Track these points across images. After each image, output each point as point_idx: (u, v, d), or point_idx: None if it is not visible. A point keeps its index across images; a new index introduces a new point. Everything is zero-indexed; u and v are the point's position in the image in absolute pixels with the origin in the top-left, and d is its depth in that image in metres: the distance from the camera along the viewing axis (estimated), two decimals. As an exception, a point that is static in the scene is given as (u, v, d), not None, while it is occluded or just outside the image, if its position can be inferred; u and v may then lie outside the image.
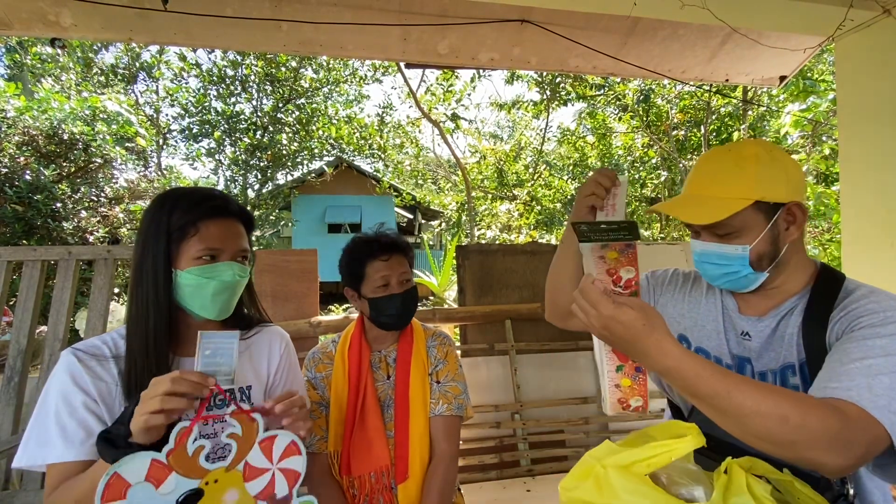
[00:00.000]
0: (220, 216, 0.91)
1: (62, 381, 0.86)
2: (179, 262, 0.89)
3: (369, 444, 1.21)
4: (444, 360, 1.34)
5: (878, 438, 0.61)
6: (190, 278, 0.88)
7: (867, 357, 0.66)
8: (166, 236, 0.88)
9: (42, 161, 4.75)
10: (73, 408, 0.84)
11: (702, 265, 0.86)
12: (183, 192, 0.92)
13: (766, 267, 0.81)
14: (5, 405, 1.90)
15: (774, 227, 0.79)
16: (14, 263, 2.07)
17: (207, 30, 2.13)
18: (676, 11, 1.86)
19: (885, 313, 0.70)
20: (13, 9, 1.97)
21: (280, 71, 8.93)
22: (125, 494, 0.68)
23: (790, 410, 0.60)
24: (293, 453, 0.82)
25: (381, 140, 10.56)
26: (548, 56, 2.50)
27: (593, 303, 0.68)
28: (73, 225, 4.70)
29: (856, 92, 2.12)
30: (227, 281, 0.90)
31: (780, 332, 0.82)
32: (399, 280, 1.25)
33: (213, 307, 0.92)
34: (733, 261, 0.81)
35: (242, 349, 1.03)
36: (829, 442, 0.59)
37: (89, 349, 0.90)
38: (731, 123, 7.98)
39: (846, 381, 0.64)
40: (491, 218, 10.12)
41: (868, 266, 2.04)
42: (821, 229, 5.29)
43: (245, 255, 0.96)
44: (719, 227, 0.80)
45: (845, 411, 0.61)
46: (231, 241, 0.92)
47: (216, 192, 0.95)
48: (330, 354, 1.33)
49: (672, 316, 0.97)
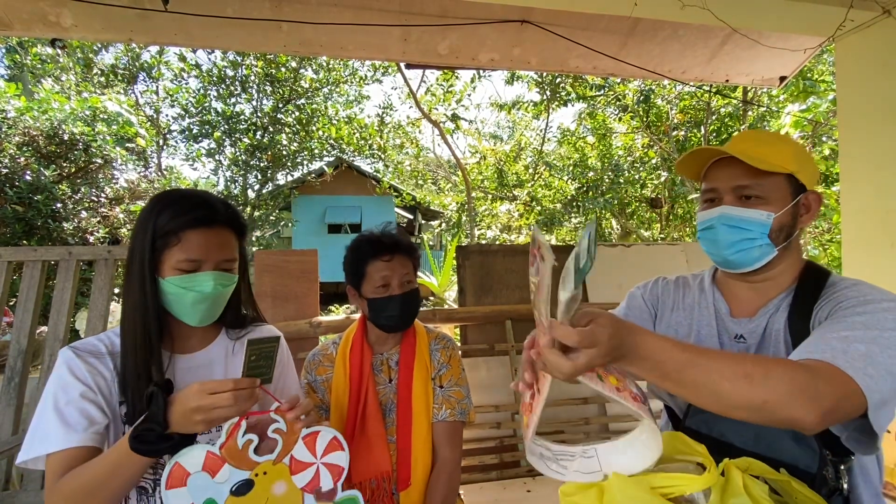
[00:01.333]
0: (205, 226, 0.90)
1: (60, 376, 0.87)
2: (162, 269, 0.89)
3: (370, 450, 1.19)
4: (448, 364, 1.31)
5: (850, 394, 0.61)
6: (170, 287, 0.89)
7: (845, 330, 0.67)
8: (151, 242, 0.88)
9: (42, 161, 4.75)
10: (71, 397, 0.85)
11: (718, 230, 0.84)
12: (173, 198, 0.91)
13: (780, 242, 0.82)
14: (6, 405, 1.90)
15: (796, 206, 0.82)
16: (14, 264, 2.07)
17: (207, 30, 2.13)
18: (677, 12, 1.86)
19: (867, 296, 0.73)
20: (14, 9, 1.98)
21: (280, 71, 8.93)
22: (186, 482, 0.76)
23: (752, 368, 0.60)
24: (336, 448, 0.86)
25: (382, 140, 10.55)
26: (548, 56, 2.50)
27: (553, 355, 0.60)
28: (73, 225, 4.70)
29: (856, 92, 2.13)
30: (206, 292, 0.90)
31: (769, 330, 0.84)
32: (400, 281, 1.21)
33: (194, 315, 0.92)
34: (754, 227, 0.81)
35: (237, 350, 1.04)
36: (798, 393, 0.59)
37: (86, 346, 0.92)
38: (731, 124, 7.98)
39: (823, 346, 0.65)
40: (491, 218, 10.12)
41: (868, 266, 2.04)
42: (821, 230, 5.29)
43: (230, 265, 0.95)
44: (753, 189, 0.81)
45: (812, 367, 0.62)
46: (214, 252, 0.91)
47: (206, 200, 0.93)
48: (330, 357, 1.30)
49: (670, 326, 0.98)
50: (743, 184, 0.82)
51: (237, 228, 0.97)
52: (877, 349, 0.64)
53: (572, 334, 0.57)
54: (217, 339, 1.03)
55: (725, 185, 0.84)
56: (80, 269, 2.11)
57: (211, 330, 1.02)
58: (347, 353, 1.27)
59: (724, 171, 0.85)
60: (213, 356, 1.01)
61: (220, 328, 1.04)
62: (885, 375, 0.62)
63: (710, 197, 0.88)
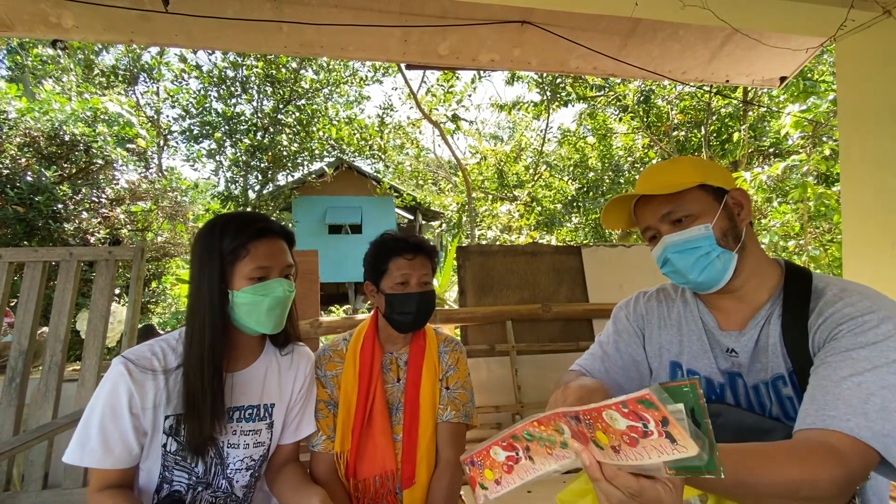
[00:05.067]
0: (267, 236, 0.98)
1: (112, 393, 0.91)
2: (234, 282, 0.95)
3: (375, 447, 1.20)
4: (455, 367, 1.33)
5: (872, 461, 0.65)
6: (246, 297, 0.94)
7: (855, 374, 0.68)
8: (220, 260, 0.94)
9: (43, 162, 4.75)
10: (119, 424, 0.90)
11: (673, 259, 0.86)
12: (230, 217, 0.99)
13: (733, 245, 0.83)
14: (6, 406, 1.90)
15: (727, 208, 0.85)
16: (15, 265, 2.07)
17: (208, 31, 2.14)
18: (678, 12, 1.86)
19: (863, 317, 0.72)
20: (15, 10, 1.98)
21: (280, 72, 8.94)
22: None
23: (798, 478, 0.62)
24: None
25: (382, 141, 10.56)
26: (548, 57, 2.50)
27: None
28: (74, 226, 4.71)
29: (856, 92, 2.13)
30: (279, 297, 0.97)
31: (762, 342, 0.83)
32: (419, 281, 1.24)
33: (269, 322, 0.98)
34: (701, 242, 0.83)
35: (284, 367, 1.11)
36: (839, 490, 0.63)
37: (141, 361, 0.94)
38: (731, 124, 7.98)
39: (843, 407, 0.66)
40: (491, 219, 10.13)
41: (868, 266, 2.04)
42: (821, 230, 5.29)
43: (291, 271, 1.02)
44: (678, 211, 0.84)
45: (843, 452, 0.64)
46: (278, 259, 0.98)
47: (260, 215, 1.03)
48: (341, 353, 1.31)
49: (661, 345, 0.96)
50: (666, 211, 0.85)
51: (288, 238, 1.04)
52: (890, 395, 0.66)
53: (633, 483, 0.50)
54: (262, 354, 1.09)
55: (654, 219, 0.87)
56: (80, 269, 2.11)
57: (257, 348, 1.09)
58: (358, 351, 1.28)
59: (647, 207, 0.88)
60: (263, 370, 1.07)
61: (263, 346, 1.10)
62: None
63: (650, 235, 0.90)
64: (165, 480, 0.95)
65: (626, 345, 1.00)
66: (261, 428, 1.04)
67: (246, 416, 1.02)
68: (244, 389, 1.03)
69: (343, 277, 11.84)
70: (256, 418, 1.03)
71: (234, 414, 1.01)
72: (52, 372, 1.96)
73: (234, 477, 1.01)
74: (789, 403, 0.79)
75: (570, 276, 2.81)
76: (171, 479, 0.95)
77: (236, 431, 1.00)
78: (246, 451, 1.01)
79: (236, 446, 1.00)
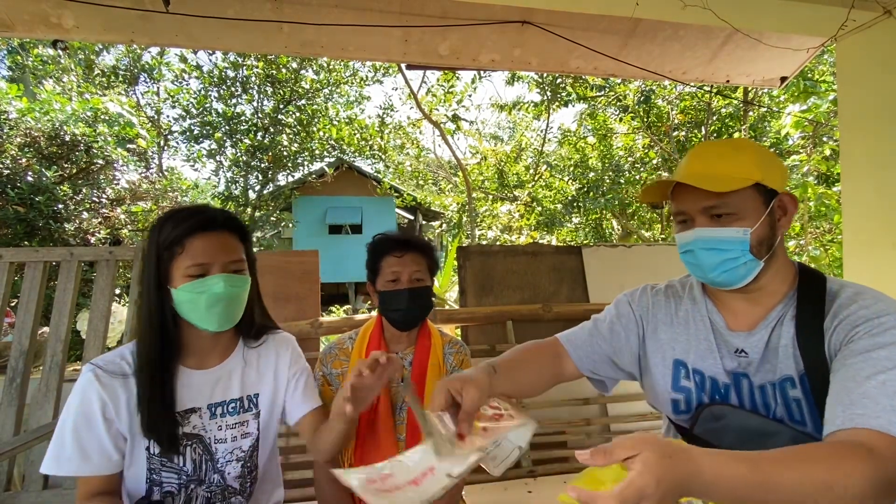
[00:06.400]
0: (206, 230, 0.93)
1: (83, 400, 0.90)
2: (173, 280, 0.92)
3: (378, 447, 1.20)
4: (460, 369, 1.34)
5: None
6: (184, 295, 0.92)
7: (879, 372, 0.67)
8: (156, 256, 0.92)
9: (44, 162, 4.76)
10: (93, 430, 0.89)
11: (697, 254, 0.82)
12: (172, 212, 0.96)
13: (764, 255, 0.80)
14: (7, 406, 1.90)
15: (771, 213, 0.80)
16: (16, 265, 2.07)
17: (208, 31, 2.14)
18: (678, 12, 1.86)
19: (879, 319, 0.72)
20: (15, 10, 1.98)
21: (281, 72, 8.93)
22: None
23: (829, 475, 0.59)
24: None
25: (382, 141, 10.55)
26: (548, 57, 2.50)
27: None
28: (74, 226, 4.71)
29: (857, 92, 2.12)
30: (217, 293, 0.92)
31: (773, 343, 0.81)
32: (410, 277, 1.26)
33: (211, 319, 0.94)
34: (734, 245, 0.78)
35: (263, 356, 1.09)
36: (876, 490, 0.60)
37: (109, 366, 0.94)
38: (731, 124, 7.98)
39: (871, 405, 0.65)
40: (492, 219, 10.14)
41: (869, 266, 2.04)
42: (822, 230, 5.29)
43: (238, 266, 0.97)
44: (721, 207, 0.79)
45: (876, 449, 0.61)
46: (220, 254, 0.94)
47: (202, 208, 0.98)
48: (346, 351, 1.32)
49: (665, 342, 0.94)
50: (710, 204, 0.79)
51: (237, 231, 0.99)
52: None
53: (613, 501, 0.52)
54: (234, 352, 1.06)
55: (693, 207, 0.82)
56: (81, 269, 2.11)
57: (230, 343, 1.06)
58: (363, 349, 1.30)
59: (689, 193, 0.81)
60: (240, 363, 1.05)
61: (237, 340, 1.07)
62: None
63: (681, 219, 0.85)
64: (154, 483, 0.95)
65: (623, 327, 0.98)
66: (247, 419, 1.03)
67: (229, 409, 1.01)
68: (223, 384, 1.01)
69: (343, 277, 11.85)
70: (241, 410, 1.03)
71: (217, 409, 1.00)
72: (53, 372, 1.96)
73: (225, 469, 1.00)
74: (795, 405, 0.78)
75: (571, 277, 2.81)
76: (161, 481, 0.95)
77: (221, 426, 1.00)
78: (234, 443, 1.01)
79: (223, 441, 1.00)
